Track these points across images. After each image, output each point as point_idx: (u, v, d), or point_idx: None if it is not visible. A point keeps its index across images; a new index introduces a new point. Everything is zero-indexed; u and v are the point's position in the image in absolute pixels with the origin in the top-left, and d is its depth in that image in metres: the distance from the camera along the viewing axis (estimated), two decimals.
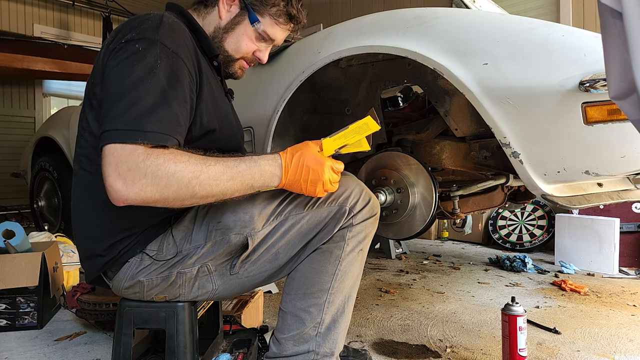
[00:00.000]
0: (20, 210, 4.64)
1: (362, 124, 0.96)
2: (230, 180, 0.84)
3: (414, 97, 1.93)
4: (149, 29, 0.86)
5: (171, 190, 0.78)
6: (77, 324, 1.81)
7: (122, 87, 0.81)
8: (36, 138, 3.49)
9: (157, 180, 0.77)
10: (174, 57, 0.86)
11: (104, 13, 5.43)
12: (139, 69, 0.81)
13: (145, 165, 0.76)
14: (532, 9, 3.86)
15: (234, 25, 1.07)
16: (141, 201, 0.78)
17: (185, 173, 0.79)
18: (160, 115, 0.80)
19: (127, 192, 0.76)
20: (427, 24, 1.34)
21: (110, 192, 0.77)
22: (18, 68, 4.28)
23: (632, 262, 2.86)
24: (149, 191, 0.77)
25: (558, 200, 1.23)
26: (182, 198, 0.80)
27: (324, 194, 0.92)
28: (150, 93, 0.80)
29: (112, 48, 0.87)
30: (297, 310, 0.98)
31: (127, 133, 0.77)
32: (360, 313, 1.92)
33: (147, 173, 0.76)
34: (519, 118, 1.19)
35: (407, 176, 1.45)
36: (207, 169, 0.81)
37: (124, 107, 0.79)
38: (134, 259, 0.96)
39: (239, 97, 1.91)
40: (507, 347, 1.33)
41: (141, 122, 0.78)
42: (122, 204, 0.78)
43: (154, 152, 0.78)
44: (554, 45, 1.15)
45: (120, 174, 0.76)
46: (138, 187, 0.76)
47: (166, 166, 0.77)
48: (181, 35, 0.91)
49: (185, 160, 0.80)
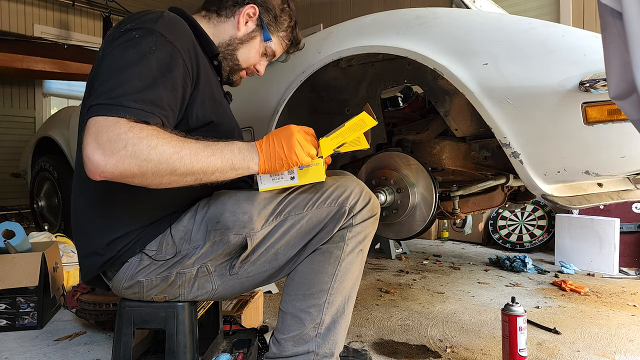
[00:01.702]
0: (20, 210, 4.64)
1: (358, 120, 0.95)
2: (211, 156, 0.83)
3: (414, 97, 1.93)
4: (148, 20, 0.89)
5: (151, 165, 0.77)
6: (77, 324, 1.81)
7: (113, 68, 0.82)
8: (36, 138, 3.49)
9: (138, 153, 0.75)
10: (168, 46, 0.87)
11: (104, 13, 5.44)
12: (132, 53, 0.83)
13: (127, 136, 0.75)
14: (532, 9, 3.86)
15: (249, 39, 1.15)
16: (118, 174, 0.76)
17: (166, 147, 0.78)
18: (145, 96, 0.80)
19: (105, 163, 0.74)
20: (427, 24, 1.34)
21: (87, 164, 0.75)
22: (18, 68, 4.28)
23: (632, 262, 2.86)
24: (127, 163, 0.75)
25: (558, 200, 1.23)
26: (162, 174, 0.79)
27: (306, 158, 0.90)
28: (138, 76, 0.81)
29: (110, 38, 0.89)
30: (296, 311, 0.98)
31: (110, 107, 0.77)
32: (360, 313, 1.92)
33: (128, 144, 0.75)
34: (519, 118, 1.18)
35: (407, 176, 1.45)
36: (187, 144, 0.81)
37: (111, 86, 0.80)
38: (133, 259, 0.96)
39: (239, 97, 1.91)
40: (507, 347, 1.33)
41: (126, 99, 0.78)
42: (98, 177, 0.76)
43: (136, 125, 0.77)
44: (554, 45, 1.15)
45: (100, 144, 0.74)
46: (116, 158, 0.74)
47: (148, 139, 0.77)
48: (180, 29, 0.93)
49: (166, 136, 0.80)
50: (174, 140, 0.80)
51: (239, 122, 1.30)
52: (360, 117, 0.95)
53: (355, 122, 0.95)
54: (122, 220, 0.94)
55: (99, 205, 0.95)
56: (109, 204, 0.95)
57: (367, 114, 0.96)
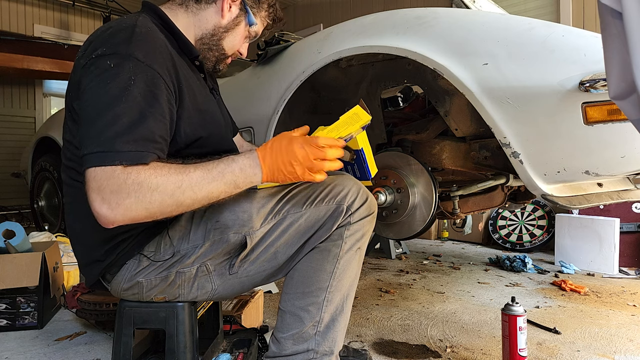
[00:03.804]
0: (20, 210, 4.64)
1: (352, 114, 0.95)
2: (212, 181, 0.83)
3: (414, 97, 1.93)
4: (121, 43, 0.84)
5: (156, 205, 0.78)
6: (77, 324, 1.81)
7: (97, 108, 0.80)
8: (36, 138, 3.49)
9: (141, 198, 0.77)
10: (148, 72, 0.83)
11: (104, 13, 5.43)
12: (113, 87, 0.80)
13: (127, 185, 0.76)
14: (532, 9, 3.86)
15: (235, 26, 1.08)
16: (129, 220, 0.78)
17: (167, 185, 0.79)
18: (136, 134, 0.79)
19: (114, 215, 0.77)
20: (427, 24, 1.34)
21: (98, 217, 0.78)
22: (18, 68, 4.27)
23: (632, 262, 2.86)
24: (134, 210, 0.77)
25: (558, 200, 1.23)
26: (169, 210, 0.80)
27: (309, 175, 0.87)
28: (125, 112, 0.79)
29: (83, 63, 0.84)
30: (295, 309, 0.98)
31: (103, 155, 0.77)
32: (360, 313, 1.92)
33: (130, 192, 0.76)
34: (519, 118, 1.19)
35: (407, 176, 1.45)
36: (187, 177, 0.81)
37: (99, 129, 0.78)
38: (131, 261, 0.96)
39: (239, 97, 1.91)
40: (507, 347, 1.33)
41: (117, 143, 0.77)
42: (111, 226, 0.79)
43: (133, 170, 0.77)
44: (554, 45, 1.15)
45: (104, 199, 0.76)
46: (123, 208, 0.76)
47: (147, 182, 0.77)
48: (156, 45, 0.89)
49: (165, 173, 0.80)
50: (173, 175, 0.80)
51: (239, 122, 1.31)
52: (354, 110, 0.96)
53: (349, 115, 0.96)
54: (119, 228, 0.94)
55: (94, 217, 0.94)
56: None
57: (361, 108, 0.96)
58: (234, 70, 2.36)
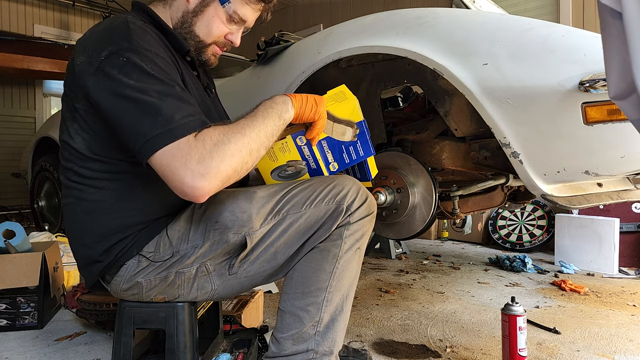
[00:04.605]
0: (20, 210, 4.64)
1: (337, 91, 0.97)
2: (264, 119, 0.87)
3: (414, 97, 1.93)
4: (122, 38, 0.85)
5: (236, 158, 0.80)
6: (77, 324, 1.81)
7: (135, 100, 0.80)
8: (36, 138, 3.49)
9: (223, 156, 0.79)
10: (156, 58, 0.86)
11: (104, 13, 5.43)
12: (141, 77, 0.81)
13: (207, 149, 0.78)
14: (532, 9, 3.86)
15: (203, 8, 1.04)
16: (221, 184, 0.80)
17: (235, 137, 0.82)
18: (186, 107, 0.82)
19: (209, 184, 0.77)
20: (427, 24, 1.34)
21: (193, 193, 0.78)
22: (18, 68, 4.28)
23: (632, 262, 2.86)
24: (223, 170, 0.78)
25: (558, 200, 1.23)
26: (245, 160, 0.82)
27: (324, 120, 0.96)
28: (167, 93, 0.82)
29: (91, 71, 0.84)
30: (295, 309, 0.98)
31: (170, 131, 0.78)
32: (360, 313, 1.92)
33: (213, 155, 0.78)
34: (518, 118, 1.19)
35: (407, 176, 1.45)
36: (242, 123, 0.85)
37: (152, 114, 0.79)
38: (131, 261, 0.96)
39: (238, 97, 1.91)
40: (507, 347, 1.33)
41: (176, 118, 0.79)
42: (206, 197, 0.79)
43: (201, 135, 0.80)
44: (554, 46, 1.15)
45: (194, 170, 0.77)
46: (215, 171, 0.78)
47: (221, 140, 0.80)
48: (153, 37, 0.92)
49: (225, 129, 0.83)
50: (232, 127, 0.83)
51: None
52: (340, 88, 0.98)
53: (335, 92, 0.98)
54: (117, 227, 0.94)
55: (92, 216, 0.94)
56: (102, 212, 0.94)
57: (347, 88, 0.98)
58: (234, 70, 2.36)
